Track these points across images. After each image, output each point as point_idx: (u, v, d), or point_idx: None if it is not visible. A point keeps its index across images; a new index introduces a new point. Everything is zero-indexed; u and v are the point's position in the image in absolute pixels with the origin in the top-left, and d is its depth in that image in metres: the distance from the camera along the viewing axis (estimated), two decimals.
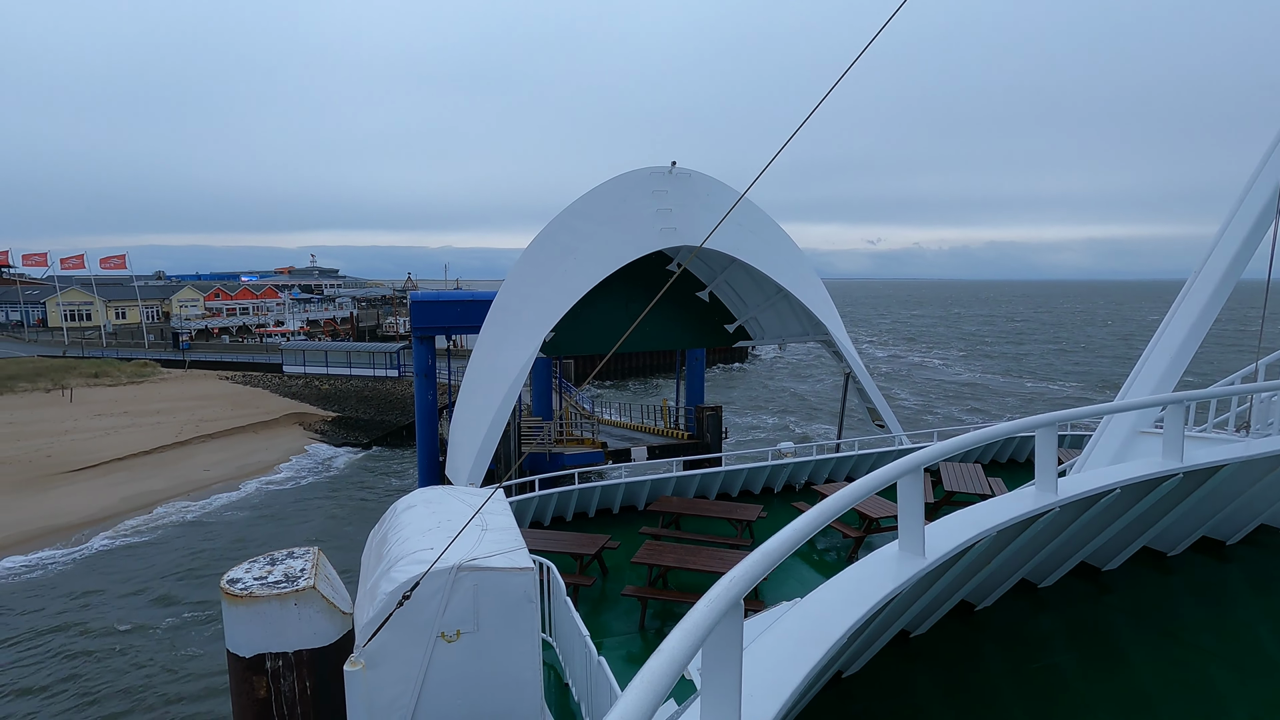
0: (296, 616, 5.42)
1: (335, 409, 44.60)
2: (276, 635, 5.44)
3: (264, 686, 5.41)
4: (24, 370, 45.72)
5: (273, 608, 5.40)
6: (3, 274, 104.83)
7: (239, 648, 5.48)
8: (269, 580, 5.61)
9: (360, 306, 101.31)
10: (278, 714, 5.46)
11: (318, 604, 5.54)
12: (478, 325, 19.02)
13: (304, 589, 5.49)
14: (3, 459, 30.67)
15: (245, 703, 5.49)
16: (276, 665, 5.40)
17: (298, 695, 5.47)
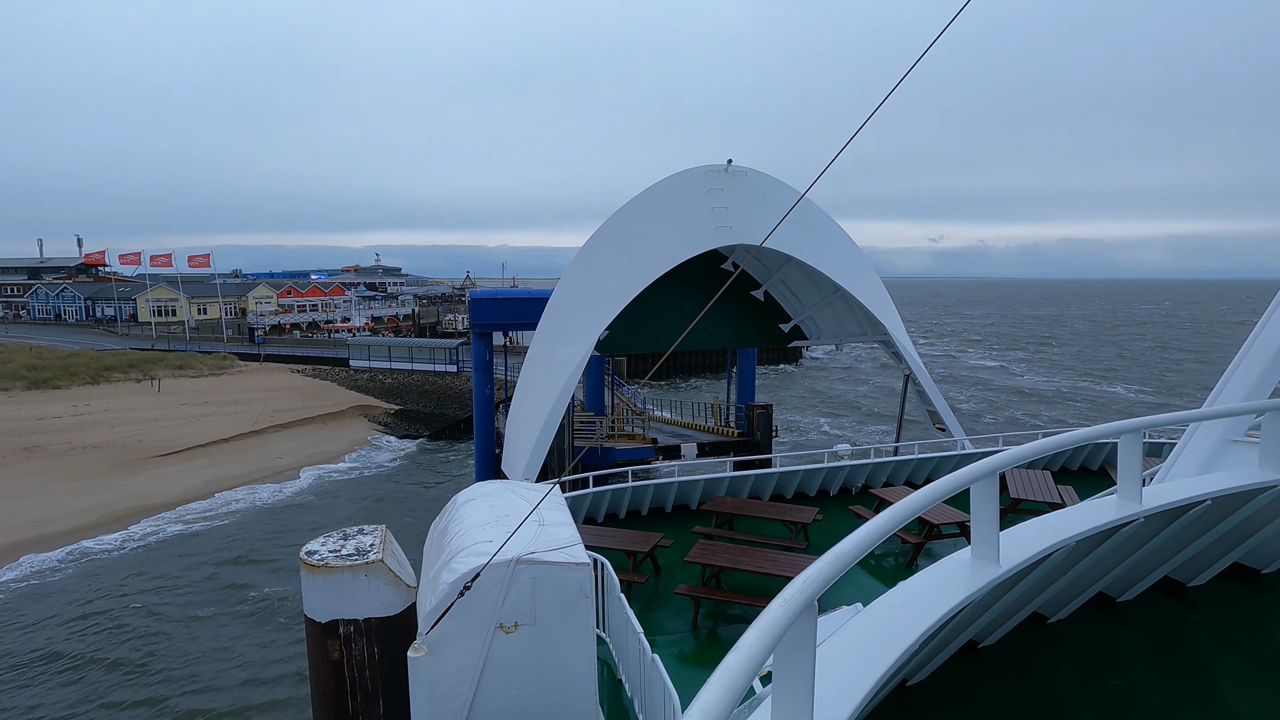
0: (366, 587, 5.79)
1: (398, 402, 46.10)
2: (348, 603, 5.84)
3: (337, 650, 5.81)
4: (118, 362, 48.89)
5: (345, 578, 5.79)
6: (98, 272, 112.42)
7: (316, 614, 5.92)
8: (342, 553, 5.97)
9: (421, 304, 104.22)
10: (349, 675, 5.87)
11: (385, 576, 5.86)
12: (534, 322, 19.25)
13: (373, 562, 5.83)
14: (100, 443, 32.97)
15: (320, 664, 5.90)
16: (348, 630, 5.79)
17: (366, 659, 5.88)
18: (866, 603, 5.31)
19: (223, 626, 18.56)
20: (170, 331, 75.91)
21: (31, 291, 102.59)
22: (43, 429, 34.69)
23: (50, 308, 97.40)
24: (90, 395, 41.85)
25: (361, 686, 5.88)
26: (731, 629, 8.64)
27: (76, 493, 27.21)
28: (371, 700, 5.92)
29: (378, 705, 5.94)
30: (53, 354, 50.72)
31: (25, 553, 22.54)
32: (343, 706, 5.89)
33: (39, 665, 16.65)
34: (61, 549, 23.04)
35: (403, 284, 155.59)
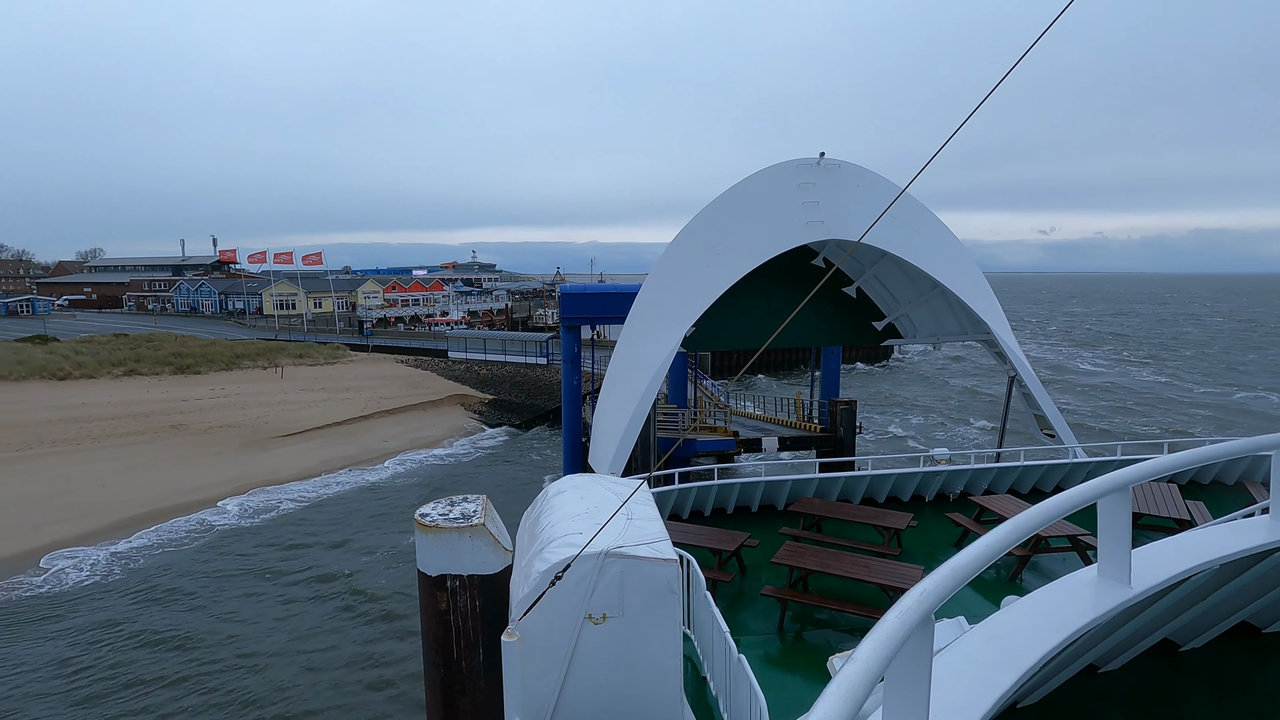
0: (470, 546, 6.30)
1: (491, 392, 47.98)
2: (455, 560, 6.42)
3: (444, 600, 6.44)
4: (248, 351, 53.47)
5: (452, 538, 6.35)
6: (230, 269, 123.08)
7: (427, 568, 6.47)
8: (450, 516, 6.52)
9: (514, 299, 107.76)
10: (453, 624, 6.49)
11: (486, 539, 6.35)
12: (621, 316, 19.32)
13: (476, 525, 6.31)
14: (233, 423, 36.29)
15: (430, 613, 6.54)
16: (455, 584, 6.39)
17: (469, 610, 6.48)
18: (970, 618, 5.03)
19: (350, 575, 21.21)
20: (290, 323, 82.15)
21: (175, 287, 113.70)
22: (186, 409, 38.50)
23: (190, 301, 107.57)
24: (225, 380, 46.04)
25: (465, 634, 6.44)
26: (819, 634, 8.44)
27: (216, 466, 30.13)
28: (473, 647, 6.48)
29: (478, 652, 6.49)
30: (194, 343, 56.07)
31: (180, 516, 25.31)
32: (448, 651, 6.50)
33: (243, 580, 19.72)
34: (209, 511, 26.01)
35: (497, 279, 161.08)
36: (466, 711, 6.86)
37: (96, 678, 15.49)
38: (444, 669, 6.85)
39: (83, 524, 23.73)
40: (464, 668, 6.76)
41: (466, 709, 6.84)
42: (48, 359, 46.48)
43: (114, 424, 35.35)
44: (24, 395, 40.21)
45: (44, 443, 32.10)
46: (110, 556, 21.93)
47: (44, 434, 33.13)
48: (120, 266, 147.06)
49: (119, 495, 26.21)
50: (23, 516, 23.91)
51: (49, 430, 33.71)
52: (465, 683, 6.81)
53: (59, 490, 26.39)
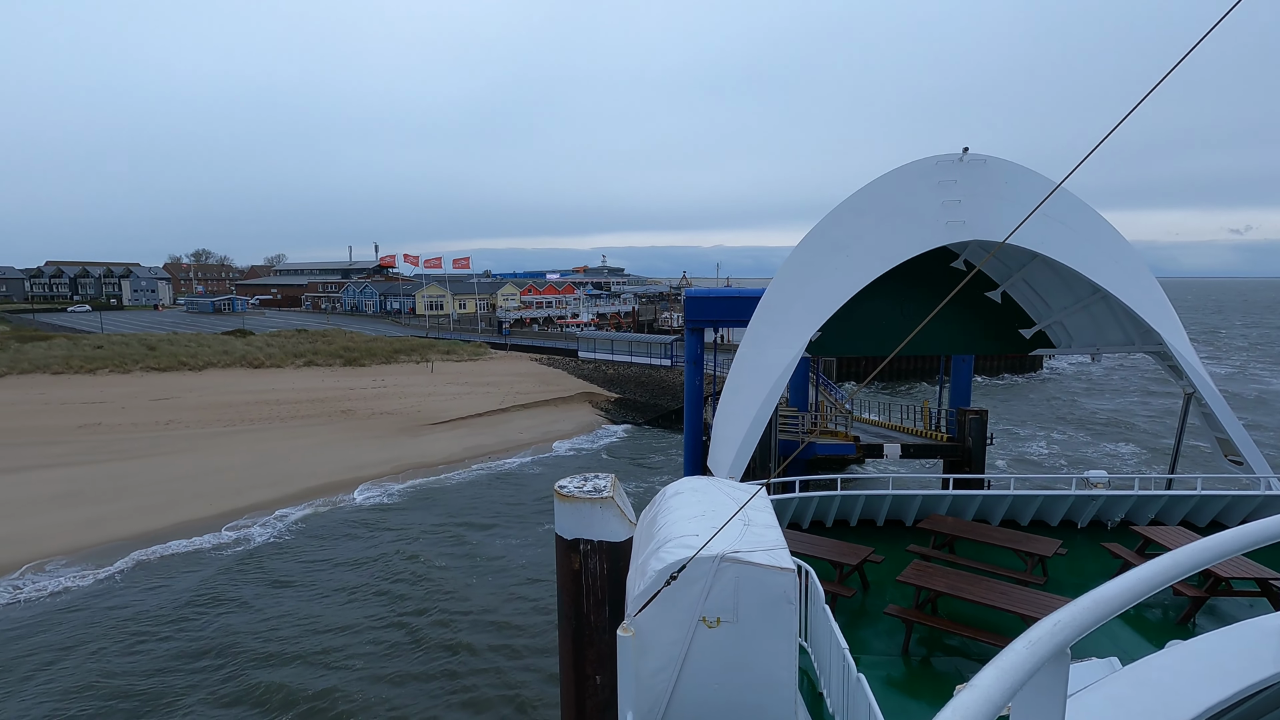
0: (600, 516, 7.10)
1: (617, 391, 49.64)
2: (587, 527, 7.22)
3: (577, 561, 7.26)
4: (404, 346, 58.92)
5: (585, 507, 7.20)
6: (388, 273, 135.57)
7: (564, 532, 7.35)
8: (584, 489, 7.35)
9: (640, 302, 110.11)
10: (584, 582, 7.32)
11: (614, 510, 7.11)
12: (745, 320, 18.89)
13: (606, 498, 7.08)
14: (391, 410, 40.30)
15: (565, 571, 7.58)
16: (587, 548, 7.27)
17: (598, 571, 7.33)
18: (1124, 659, 4.33)
19: (497, 540, 23.85)
20: (439, 323, 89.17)
21: (343, 289, 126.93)
22: (353, 396, 43.20)
23: (355, 302, 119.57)
24: (384, 373, 51.08)
25: (593, 592, 7.24)
26: (948, 660, 7.88)
27: (378, 448, 33.68)
28: (600, 604, 7.26)
29: (605, 608, 7.26)
30: (359, 339, 62.55)
31: (353, 488, 28.71)
32: (579, 606, 7.33)
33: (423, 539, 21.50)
34: (374, 484, 29.20)
35: (625, 283, 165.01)
36: (592, 660, 7.64)
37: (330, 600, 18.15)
38: (575, 621, 7.68)
39: (274, 490, 27.49)
40: (592, 621, 7.56)
41: (592, 657, 7.63)
42: (246, 350, 53.83)
43: (296, 407, 40.40)
44: (230, 380, 46.91)
45: (245, 420, 37.36)
46: (300, 518, 25.30)
47: (246, 413, 38.54)
48: (299, 270, 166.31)
49: (303, 468, 30.06)
50: (234, 481, 28.10)
51: (249, 410, 39.16)
52: (593, 634, 7.60)
53: (257, 462, 30.72)
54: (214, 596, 19.21)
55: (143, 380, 45.96)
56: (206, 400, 41.00)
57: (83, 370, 47.04)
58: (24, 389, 42.43)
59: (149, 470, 29.09)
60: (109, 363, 48.53)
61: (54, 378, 45.47)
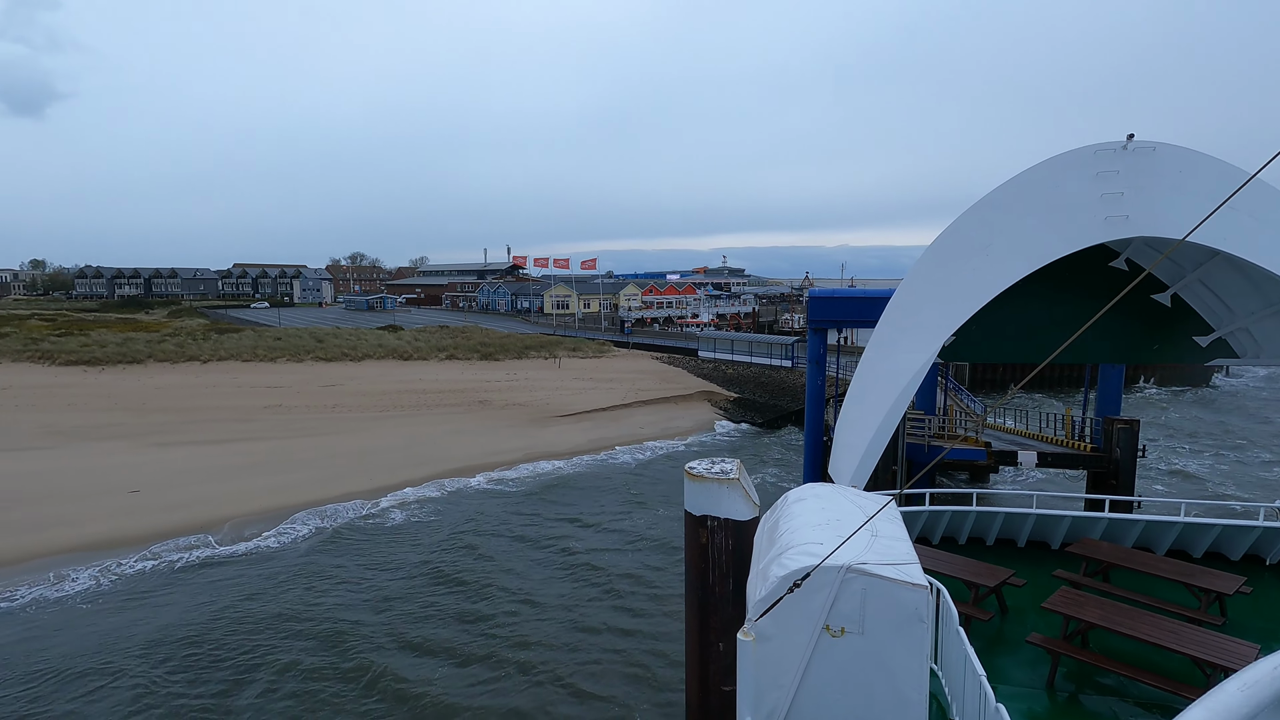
0: (726, 495, 7.78)
1: (737, 391, 49.97)
2: (715, 505, 7.77)
3: (704, 536, 7.93)
4: (534, 343, 62.55)
5: (713, 487, 7.80)
6: (519, 273, 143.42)
7: (693, 509, 8.04)
8: (712, 470, 8.11)
9: (761, 303, 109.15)
10: (711, 555, 7.89)
11: (739, 491, 7.79)
12: (871, 321, 18.14)
13: (732, 479, 7.79)
14: (523, 402, 43.15)
15: (693, 546, 8.04)
16: (713, 524, 7.87)
17: (724, 546, 7.86)
18: None
19: (623, 520, 25.41)
20: (565, 321, 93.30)
21: (479, 289, 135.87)
22: (488, 389, 46.67)
23: (489, 301, 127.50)
24: (516, 367, 54.59)
25: (719, 565, 7.99)
26: (1103, 701, 7.20)
27: (511, 436, 36.33)
28: (725, 576, 8.00)
29: (729, 581, 7.97)
30: (494, 335, 67.06)
31: (490, 470, 31.37)
32: (705, 577, 8.10)
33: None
34: (508, 469, 31.52)
35: (745, 284, 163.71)
36: (716, 627, 8.46)
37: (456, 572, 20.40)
38: (701, 592, 8.53)
39: (419, 470, 30.57)
40: (717, 592, 8.36)
41: (716, 625, 8.45)
42: (397, 344, 59.47)
43: (440, 396, 44.30)
44: (384, 371, 52.13)
45: (397, 406, 41.56)
46: (442, 496, 28.06)
47: (397, 400, 42.86)
48: (440, 272, 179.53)
49: (445, 451, 33.16)
50: (389, 460, 31.59)
51: (399, 398, 43.49)
52: (717, 604, 8.40)
53: (406, 444, 34.25)
54: (378, 558, 21.89)
55: (313, 369, 52.10)
56: (364, 388, 45.90)
57: (265, 359, 54.03)
58: (222, 373, 49.52)
59: (320, 447, 33.20)
60: (286, 353, 55.39)
61: (243, 364, 52.60)
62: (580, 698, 14.65)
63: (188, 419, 37.70)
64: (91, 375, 47.93)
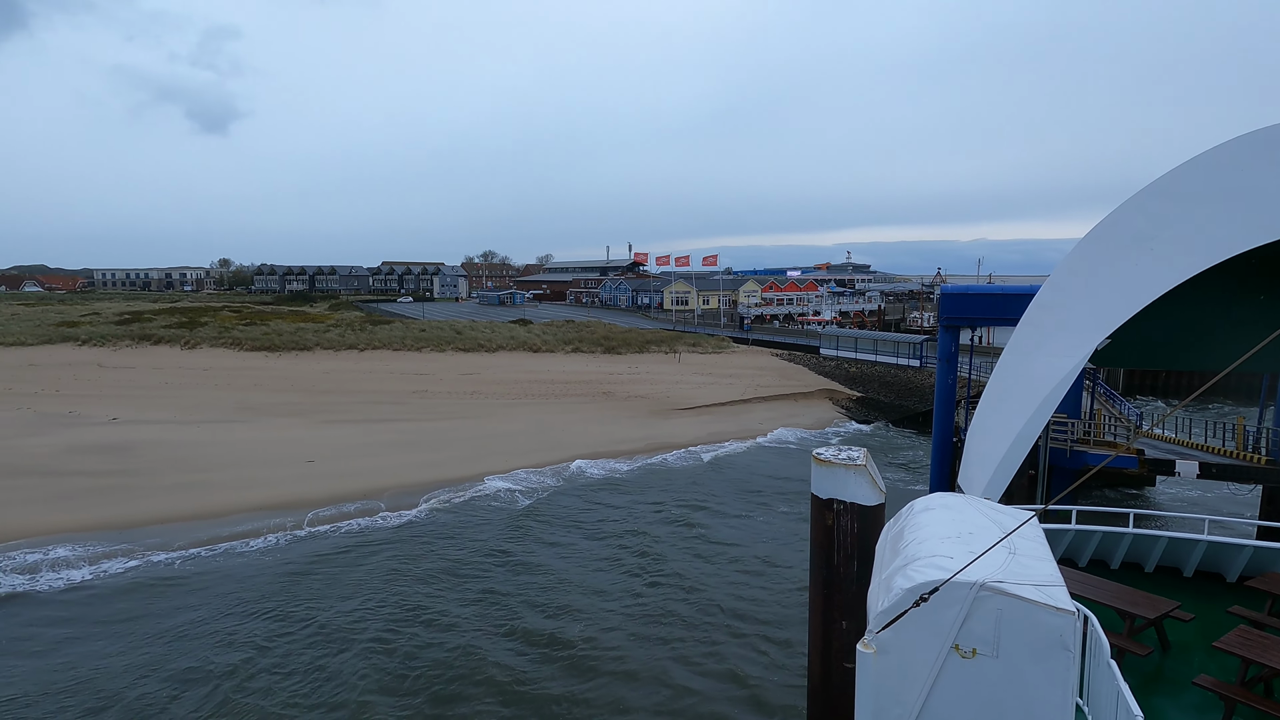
0: (853, 480, 8.19)
1: (860, 390, 48.74)
2: (841, 489, 8.24)
3: (830, 519, 8.43)
4: (654, 338, 64.09)
5: (839, 471, 8.30)
6: (639, 270, 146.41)
7: (819, 492, 8.52)
8: (839, 456, 8.58)
9: (887, 300, 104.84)
10: (836, 537, 8.34)
11: (865, 477, 8.18)
12: (1009, 320, 16.39)
13: (859, 465, 8.21)
14: (643, 395, 44.59)
15: (819, 527, 8.56)
16: (840, 507, 8.32)
17: (849, 529, 8.25)
18: None
19: (741, 510, 26.01)
20: (684, 317, 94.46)
21: (601, 285, 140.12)
22: (611, 381, 48.55)
23: (611, 297, 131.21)
24: (637, 361, 56.28)
25: (843, 547, 8.43)
26: None
27: (633, 427, 37.81)
28: (849, 559, 8.43)
29: (853, 563, 8.39)
30: (616, 329, 69.34)
31: (614, 457, 32.96)
32: (830, 557, 8.56)
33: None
34: (636, 458, 32.88)
35: (870, 280, 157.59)
36: (839, 605, 8.92)
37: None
38: (825, 571, 9.01)
39: (550, 454, 32.61)
40: (841, 572, 8.80)
41: (839, 603, 8.90)
42: (527, 337, 63.08)
43: (565, 387, 46.71)
44: (515, 361, 55.57)
45: (527, 395, 44.35)
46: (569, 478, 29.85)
47: (527, 389, 45.70)
48: (565, 269, 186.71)
49: (572, 438, 35.11)
50: (514, 445, 33.97)
51: (530, 387, 46.32)
52: (841, 584, 8.85)
53: (537, 430, 36.58)
54: (512, 527, 23.84)
55: (453, 358, 56.45)
56: (499, 376, 49.25)
57: (412, 348, 59.17)
58: (376, 360, 54.88)
59: (460, 429, 36.22)
60: (429, 343, 60.33)
61: (393, 353, 57.92)
62: (702, 673, 15.42)
63: (349, 399, 42.34)
64: (271, 360, 54.77)
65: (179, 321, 69.94)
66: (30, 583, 19.47)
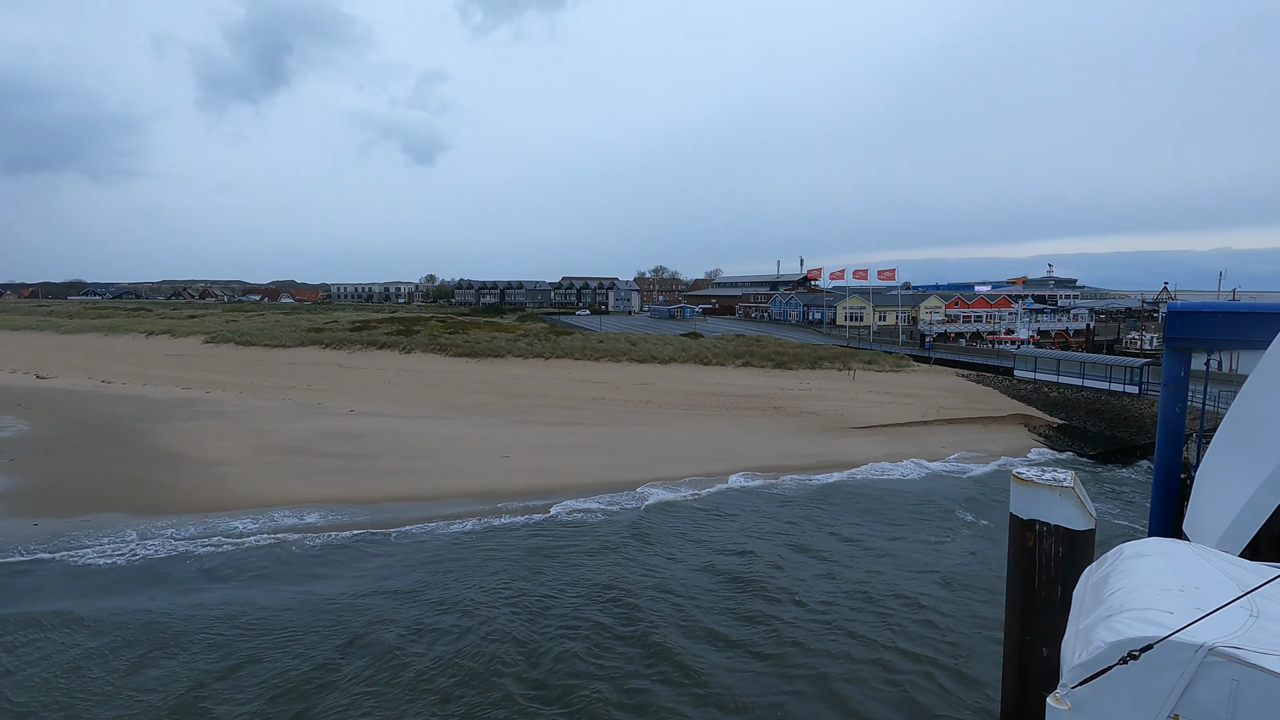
0: (1058, 502, 7.89)
1: (1062, 416, 43.85)
2: (1044, 510, 7.98)
3: (1032, 540, 8.16)
4: (827, 354, 62.53)
5: (1043, 492, 8.02)
6: (811, 285, 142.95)
7: (1019, 512, 8.28)
8: (1042, 477, 8.31)
9: (1098, 319, 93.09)
10: (1037, 559, 8.13)
11: (1072, 499, 7.83)
12: (1257, 342, 15.66)
13: (1066, 487, 7.91)
14: (816, 411, 43.84)
15: (1018, 548, 8.33)
16: (1042, 529, 8.05)
17: (1052, 551, 8.03)
18: None
19: (921, 534, 24.99)
20: (859, 333, 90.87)
21: (771, 300, 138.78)
22: (782, 396, 48.21)
23: (781, 312, 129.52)
24: (809, 377, 55.29)
25: (1045, 570, 8.11)
26: None
27: (804, 442, 37.36)
28: (1052, 583, 8.09)
29: (1056, 587, 8.04)
30: (787, 345, 68.56)
31: (788, 472, 32.94)
32: (1030, 580, 8.26)
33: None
34: (809, 474, 32.80)
35: (1076, 296, 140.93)
36: (1039, 631, 8.59)
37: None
38: (1024, 593, 8.70)
39: (721, 465, 33.25)
40: (1043, 596, 8.46)
41: (1039, 629, 8.56)
42: (698, 350, 64.51)
43: (735, 400, 47.17)
44: (686, 373, 57.11)
45: (698, 407, 45.47)
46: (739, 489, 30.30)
47: (698, 401, 46.85)
48: (734, 283, 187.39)
49: (741, 449, 35.54)
50: (685, 453, 35.03)
51: (700, 399, 47.43)
52: (1041, 609, 8.49)
53: (708, 439, 37.44)
54: (691, 534, 24.77)
55: (627, 368, 59.25)
56: (671, 387, 50.93)
57: (591, 358, 62.94)
58: (559, 369, 59.17)
59: (635, 435, 38.10)
60: (606, 354, 63.79)
61: (574, 362, 62.01)
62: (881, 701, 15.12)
63: (536, 403, 46.17)
64: (471, 365, 61.13)
65: (397, 329, 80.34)
66: (288, 537, 23.77)
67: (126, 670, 15.65)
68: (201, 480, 29.16)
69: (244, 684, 15.14)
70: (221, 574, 20.82)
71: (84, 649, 16.43)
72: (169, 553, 22.18)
